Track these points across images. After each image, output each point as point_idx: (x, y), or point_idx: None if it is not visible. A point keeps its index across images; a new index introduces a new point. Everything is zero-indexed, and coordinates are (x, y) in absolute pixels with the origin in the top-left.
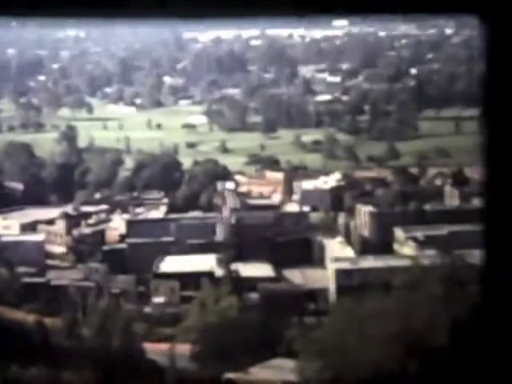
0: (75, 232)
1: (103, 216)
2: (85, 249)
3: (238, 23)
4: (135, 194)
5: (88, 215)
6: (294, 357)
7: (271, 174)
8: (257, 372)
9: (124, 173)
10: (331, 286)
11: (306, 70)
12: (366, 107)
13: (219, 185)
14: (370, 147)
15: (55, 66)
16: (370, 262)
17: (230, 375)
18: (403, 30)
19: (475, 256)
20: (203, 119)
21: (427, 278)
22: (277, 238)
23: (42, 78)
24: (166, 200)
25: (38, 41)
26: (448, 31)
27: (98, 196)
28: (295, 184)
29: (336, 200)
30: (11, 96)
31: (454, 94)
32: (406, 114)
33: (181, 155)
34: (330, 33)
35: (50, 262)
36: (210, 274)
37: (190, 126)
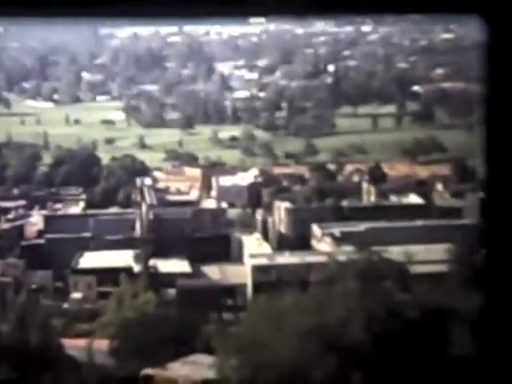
0: None
1: (21, 211)
2: (3, 244)
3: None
4: (53, 189)
5: (6, 211)
6: (212, 353)
7: (189, 170)
8: (175, 368)
9: (42, 168)
10: (249, 282)
11: (223, 67)
12: (283, 104)
13: (137, 181)
14: (287, 144)
15: None
16: (286, 258)
17: (149, 371)
18: (320, 27)
19: (392, 252)
20: (121, 115)
21: (344, 273)
22: (195, 234)
23: None
24: (84, 196)
25: None
26: (365, 28)
27: (16, 192)
28: (213, 180)
29: (253, 196)
30: None
31: (370, 91)
32: (322, 110)
33: (99, 151)
34: (247, 30)
35: None
36: (128, 270)
37: (108, 122)
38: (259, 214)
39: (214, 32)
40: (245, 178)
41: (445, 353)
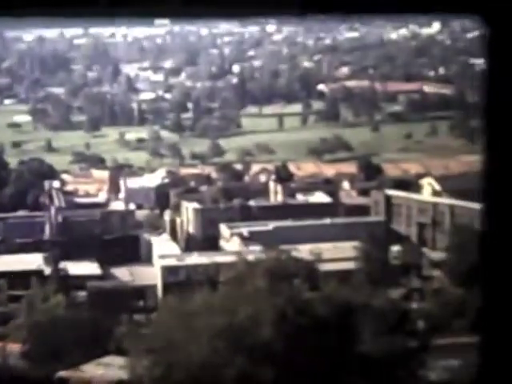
0: None
1: None
2: None
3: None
4: None
5: None
6: (125, 354)
7: (97, 173)
8: (89, 369)
9: None
10: (159, 282)
11: (128, 69)
12: (190, 105)
13: (46, 184)
14: (194, 144)
15: None
16: (195, 259)
17: (62, 373)
18: (225, 27)
19: (300, 250)
20: (28, 118)
21: (252, 273)
22: (104, 236)
23: None
24: None
25: None
26: (270, 28)
27: None
28: (121, 182)
29: (161, 197)
30: None
31: (275, 90)
32: (228, 111)
33: (6, 155)
34: (152, 31)
35: None
36: (38, 273)
37: (14, 126)
38: (167, 215)
39: (119, 34)
40: (152, 180)
41: (355, 349)
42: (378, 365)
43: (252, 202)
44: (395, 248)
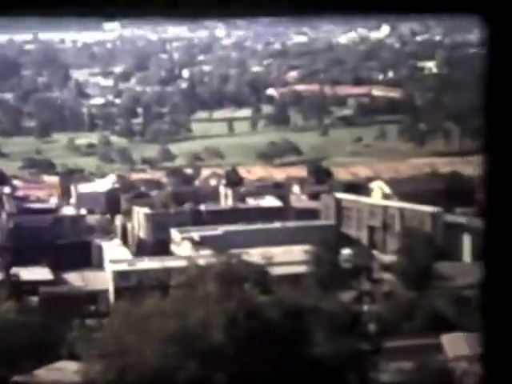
0: None
1: None
2: None
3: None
4: None
5: None
6: (78, 359)
7: (48, 178)
8: (41, 375)
9: None
10: (110, 287)
11: (78, 74)
12: (139, 110)
13: None
14: (144, 149)
15: None
16: (146, 263)
17: (16, 378)
18: (175, 32)
19: (251, 254)
20: None
21: (203, 277)
22: (55, 241)
23: None
24: None
25: None
26: (219, 33)
27: None
28: (72, 187)
29: (112, 202)
30: None
31: (225, 95)
32: (178, 115)
33: None
34: (101, 36)
35: None
36: None
37: None
38: (118, 220)
39: (69, 39)
40: (103, 185)
41: (306, 352)
42: (330, 368)
43: (202, 207)
44: (346, 251)
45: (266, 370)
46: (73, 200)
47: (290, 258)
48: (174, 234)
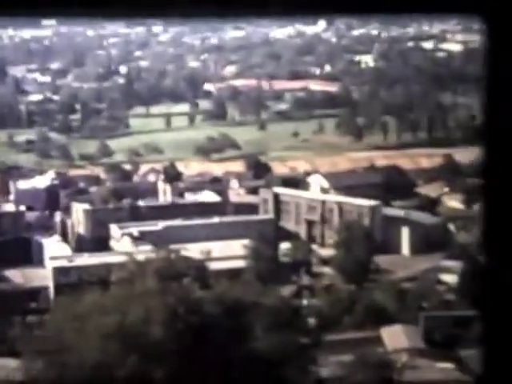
0: None
1: None
2: None
3: None
4: None
5: None
6: (18, 356)
7: None
8: None
9: None
10: (51, 284)
11: (16, 71)
12: (77, 106)
13: None
14: (83, 145)
15: None
16: (86, 259)
17: None
18: (112, 28)
19: (190, 249)
20: None
21: (143, 272)
22: None
23: None
24: None
25: None
26: (156, 29)
27: None
28: (11, 184)
29: (51, 199)
30: None
31: (163, 90)
32: (116, 111)
33: None
34: (38, 33)
35: None
36: None
37: None
38: (58, 216)
39: (5, 36)
40: (42, 181)
41: (246, 346)
42: (270, 362)
43: (141, 202)
44: (284, 246)
45: (206, 365)
46: (12, 197)
47: (228, 253)
48: (114, 229)
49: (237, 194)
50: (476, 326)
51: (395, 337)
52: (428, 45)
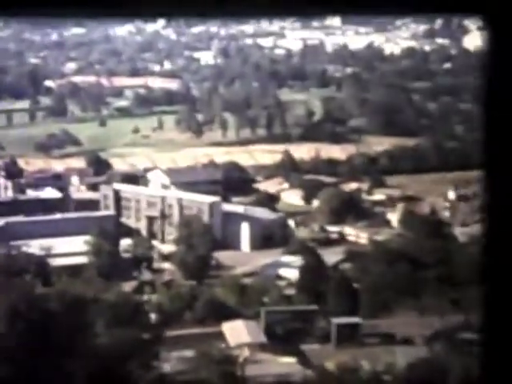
0: None
1: None
2: None
3: None
4: None
5: None
6: None
7: None
8: None
9: None
10: None
11: None
12: None
13: None
14: None
15: None
16: None
17: None
18: None
19: (31, 246)
20: None
21: None
22: None
23: None
24: None
25: None
26: None
27: None
28: None
29: None
30: None
31: (4, 87)
32: None
33: None
34: None
35: None
36: None
37: None
38: None
39: None
40: None
41: (88, 342)
42: (112, 357)
43: None
44: (126, 242)
45: (48, 361)
46: None
47: (70, 249)
48: None
49: (78, 190)
50: (316, 321)
51: (237, 332)
52: (267, 42)
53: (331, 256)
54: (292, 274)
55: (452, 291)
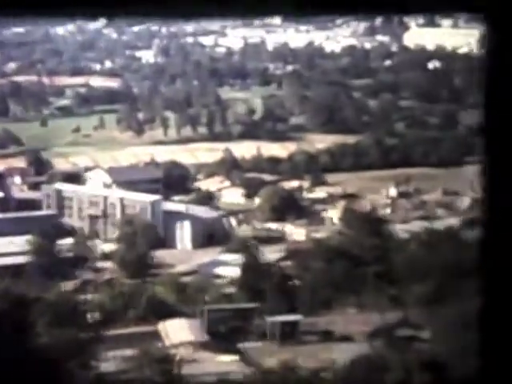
0: None
1: None
2: None
3: None
4: None
5: None
6: None
7: None
8: None
9: None
10: None
11: None
12: None
13: None
14: None
15: None
16: None
17: None
18: None
19: None
20: None
21: None
22: None
23: None
24: None
25: None
26: None
27: None
28: None
29: None
30: None
31: None
32: None
33: None
34: None
35: None
36: None
37: None
38: None
39: None
40: None
41: (28, 341)
42: (52, 357)
43: None
44: (67, 241)
45: None
46: None
47: (11, 249)
48: None
49: (20, 189)
50: (256, 319)
51: (178, 330)
52: (208, 40)
53: (272, 254)
54: (232, 272)
55: (391, 288)
